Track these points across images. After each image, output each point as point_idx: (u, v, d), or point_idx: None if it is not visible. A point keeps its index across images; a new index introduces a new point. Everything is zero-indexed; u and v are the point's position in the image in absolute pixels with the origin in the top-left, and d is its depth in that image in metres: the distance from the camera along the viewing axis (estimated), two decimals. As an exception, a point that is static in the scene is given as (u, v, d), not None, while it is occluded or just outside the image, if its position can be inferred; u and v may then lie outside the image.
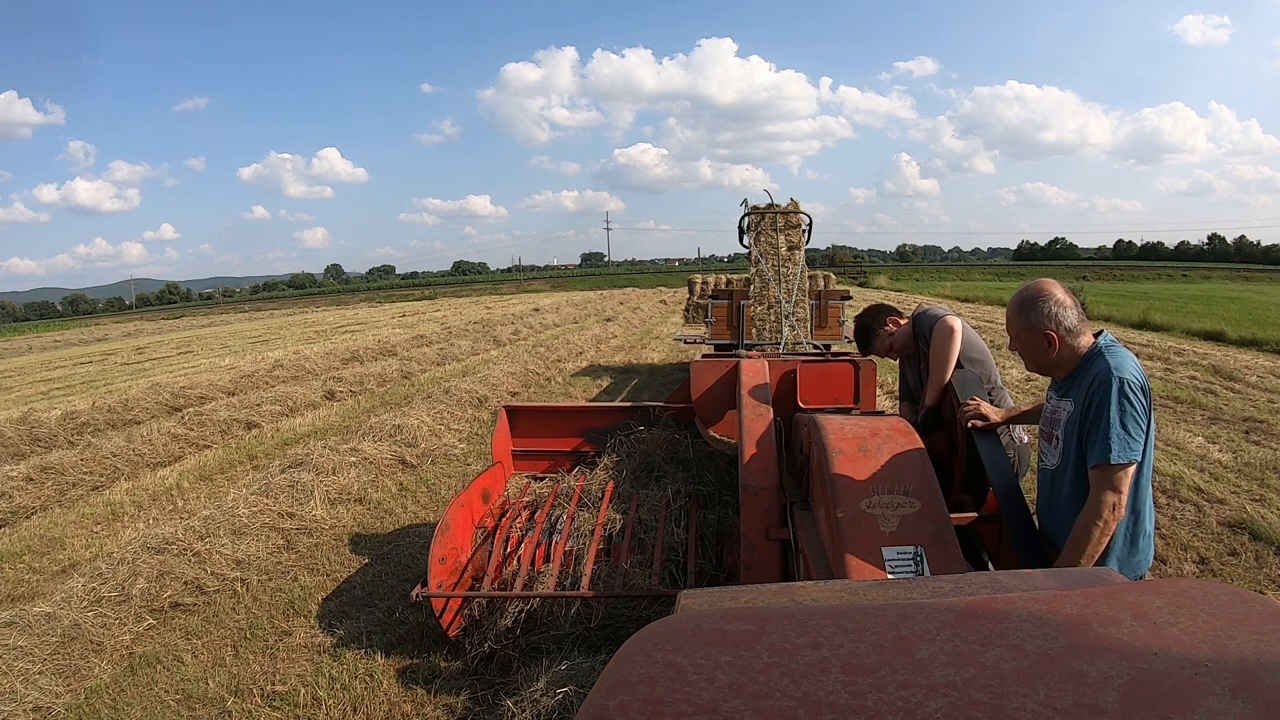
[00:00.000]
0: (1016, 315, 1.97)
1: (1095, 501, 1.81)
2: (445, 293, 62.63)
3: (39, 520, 5.23)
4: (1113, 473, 1.80)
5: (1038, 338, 1.93)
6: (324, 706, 2.76)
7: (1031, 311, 1.93)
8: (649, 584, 2.99)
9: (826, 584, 1.00)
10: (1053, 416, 2.02)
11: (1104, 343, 1.92)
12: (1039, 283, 1.97)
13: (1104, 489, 1.81)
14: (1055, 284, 1.95)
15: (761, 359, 3.76)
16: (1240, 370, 9.01)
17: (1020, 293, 1.98)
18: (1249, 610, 0.69)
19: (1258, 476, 4.91)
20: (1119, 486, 1.80)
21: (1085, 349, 1.93)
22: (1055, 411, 2.01)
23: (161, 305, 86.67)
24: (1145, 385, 1.85)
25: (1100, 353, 1.89)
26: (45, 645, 3.09)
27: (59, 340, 35.89)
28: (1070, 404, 1.93)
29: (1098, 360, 1.87)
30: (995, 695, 0.59)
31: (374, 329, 22.02)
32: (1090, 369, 1.88)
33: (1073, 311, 1.91)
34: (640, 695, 0.61)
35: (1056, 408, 2.01)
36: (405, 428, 6.27)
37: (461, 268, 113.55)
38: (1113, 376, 1.80)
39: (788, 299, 5.11)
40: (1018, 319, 1.97)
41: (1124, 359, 1.86)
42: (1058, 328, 1.90)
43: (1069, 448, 1.93)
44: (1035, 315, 1.92)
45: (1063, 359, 1.94)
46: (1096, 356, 1.89)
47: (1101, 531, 1.81)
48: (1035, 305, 1.92)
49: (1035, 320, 1.92)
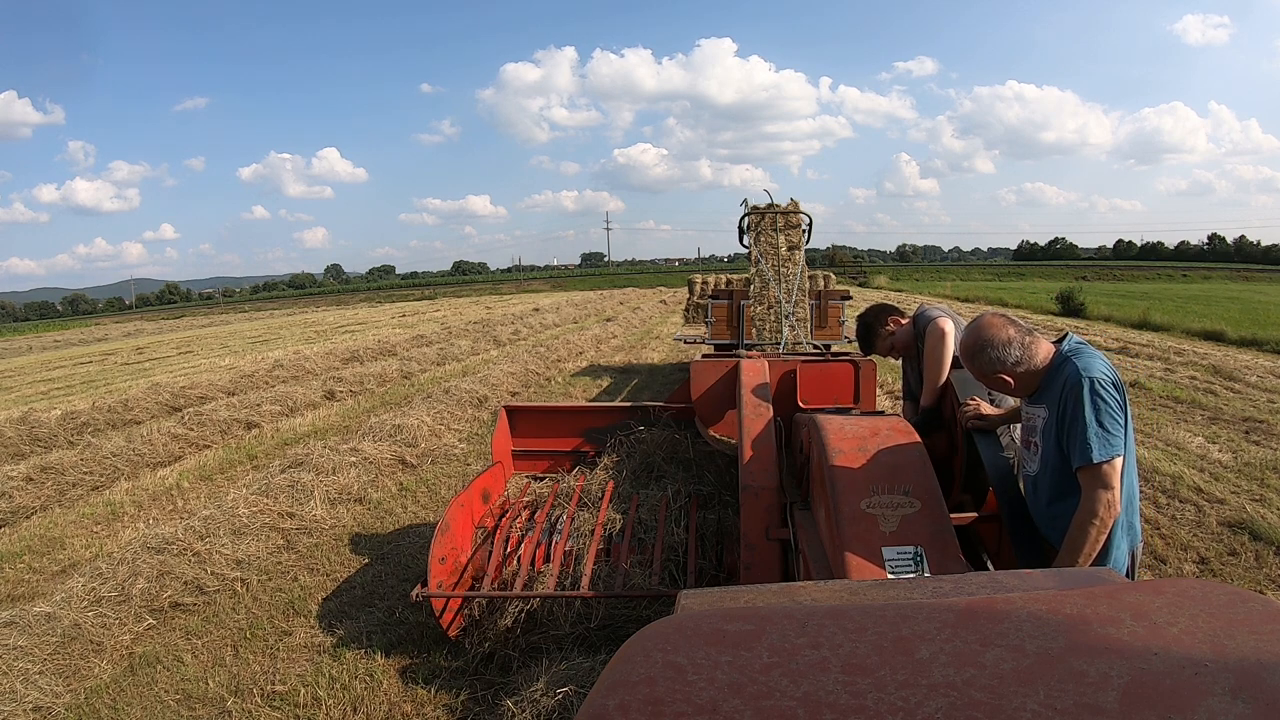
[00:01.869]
0: (969, 364, 2.07)
1: (1089, 501, 1.82)
2: (445, 293, 62.63)
3: (39, 520, 5.23)
4: (1099, 471, 1.81)
5: (993, 381, 2.03)
6: (324, 706, 2.76)
7: (977, 360, 2.01)
8: (649, 584, 2.99)
9: (826, 584, 1.00)
10: (1029, 423, 2.06)
11: (1068, 348, 1.95)
12: (977, 328, 2.02)
13: (1095, 488, 1.81)
14: (992, 322, 2.00)
15: (761, 359, 3.76)
16: (1240, 370, 9.01)
17: (964, 342, 2.07)
18: (1249, 610, 0.69)
19: (1258, 476, 4.91)
20: (1110, 483, 1.81)
21: (1045, 362, 1.96)
22: (1031, 419, 2.05)
23: (161, 305, 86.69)
24: (1117, 380, 1.87)
25: (1067, 358, 1.91)
26: (45, 645, 3.09)
27: (59, 340, 35.90)
28: (1044, 410, 1.96)
29: (1065, 365, 1.90)
30: (995, 695, 0.59)
31: (374, 329, 22.02)
32: (1059, 375, 1.91)
33: (1015, 345, 1.96)
34: (640, 695, 0.61)
35: (1031, 414, 2.05)
36: (405, 428, 6.27)
37: (461, 268, 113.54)
38: (1082, 378, 1.83)
39: (788, 299, 5.11)
40: (971, 367, 2.07)
41: (1091, 358, 1.88)
42: (1005, 368, 1.97)
43: (1047, 452, 1.96)
44: (982, 363, 2.00)
45: (1025, 384, 2.00)
46: (1064, 363, 1.91)
47: (1098, 531, 1.81)
48: (979, 355, 2.00)
49: (985, 368, 2.02)
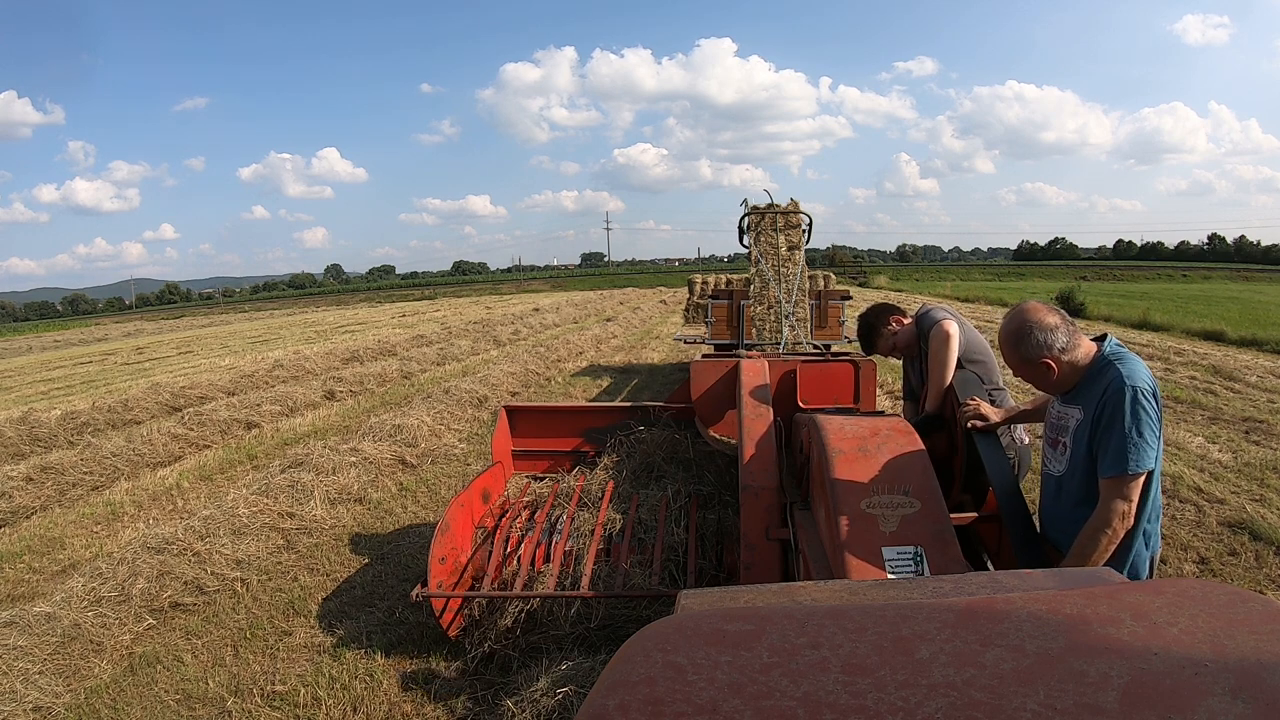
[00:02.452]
0: (1010, 350, 1.95)
1: (1105, 510, 1.80)
2: (445, 293, 62.63)
3: (39, 520, 5.23)
4: (1126, 482, 1.78)
5: (1036, 368, 1.92)
6: (324, 706, 2.76)
7: (1022, 345, 1.91)
8: (649, 584, 2.99)
9: (826, 584, 1.00)
10: (1059, 423, 2.00)
11: (1110, 351, 1.89)
12: (1021, 311, 1.94)
13: (1115, 498, 1.79)
14: (1037, 307, 1.94)
15: (761, 359, 3.76)
16: (1240, 370, 9.01)
17: (1006, 327, 1.96)
18: (1249, 610, 0.69)
19: (1258, 476, 4.91)
20: (1130, 495, 1.79)
21: (1087, 359, 1.90)
22: (1062, 418, 1.98)
23: (161, 305, 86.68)
24: (1157, 391, 1.84)
25: (1110, 362, 1.86)
26: (45, 645, 3.09)
27: (59, 340, 35.90)
28: (1079, 411, 1.91)
29: (1109, 370, 1.85)
30: (995, 695, 0.59)
31: (374, 329, 22.02)
32: (1100, 378, 1.85)
33: (1061, 331, 1.89)
34: (640, 695, 0.61)
35: (1063, 414, 1.98)
36: (405, 428, 6.27)
37: (461, 268, 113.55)
38: (1126, 385, 1.78)
39: (788, 299, 5.10)
40: (1012, 354, 1.94)
41: (1135, 365, 1.84)
42: (1051, 353, 1.89)
43: (1077, 454, 1.91)
44: (1027, 348, 1.90)
45: (1065, 377, 1.92)
46: (1107, 366, 1.86)
47: (1109, 540, 1.80)
48: (1024, 339, 1.90)
49: (1029, 353, 1.90)
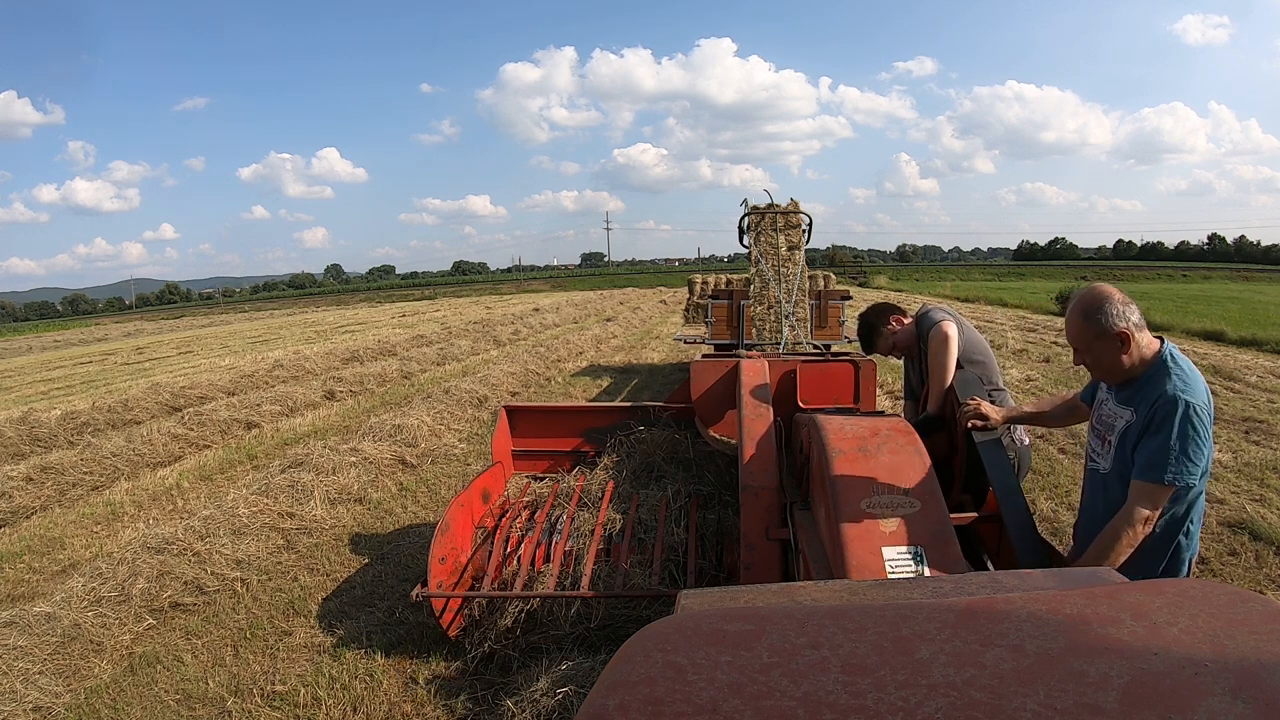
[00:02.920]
0: (1084, 323, 1.87)
1: (1131, 512, 1.79)
2: (445, 293, 62.64)
3: (39, 520, 5.23)
4: (1156, 490, 1.77)
5: (1111, 340, 1.84)
6: (324, 706, 2.76)
7: (1100, 314, 1.84)
8: (649, 584, 2.99)
9: (826, 584, 1.00)
10: (1109, 421, 1.95)
11: (1169, 355, 1.86)
12: (1096, 288, 1.90)
13: (1142, 503, 1.78)
14: (1105, 285, 1.90)
15: (761, 359, 3.76)
16: (1240, 370, 9.00)
17: (1080, 303, 1.89)
18: (1249, 610, 0.69)
19: (1258, 476, 4.91)
20: (1158, 504, 1.78)
21: (1151, 351, 1.86)
22: (1113, 417, 1.94)
23: (161, 305, 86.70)
24: (1210, 409, 1.81)
25: (1168, 369, 1.82)
26: (45, 645, 3.09)
27: (59, 340, 35.90)
28: (1130, 413, 1.87)
29: (1165, 377, 1.81)
30: (995, 695, 0.59)
31: (374, 329, 22.02)
32: (1156, 383, 1.82)
33: (1135, 308, 1.85)
34: (640, 695, 0.61)
35: (1114, 413, 1.93)
36: (405, 428, 6.27)
37: (461, 268, 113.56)
38: (1179, 399, 1.75)
39: (788, 299, 5.10)
40: (1087, 327, 1.87)
41: (1192, 380, 1.80)
42: (1129, 324, 1.83)
43: (1124, 455, 1.88)
44: (1105, 318, 1.83)
45: (1133, 359, 1.86)
46: (1164, 372, 1.82)
47: (1128, 542, 1.79)
48: (1103, 308, 1.85)
49: (1107, 323, 1.83)
